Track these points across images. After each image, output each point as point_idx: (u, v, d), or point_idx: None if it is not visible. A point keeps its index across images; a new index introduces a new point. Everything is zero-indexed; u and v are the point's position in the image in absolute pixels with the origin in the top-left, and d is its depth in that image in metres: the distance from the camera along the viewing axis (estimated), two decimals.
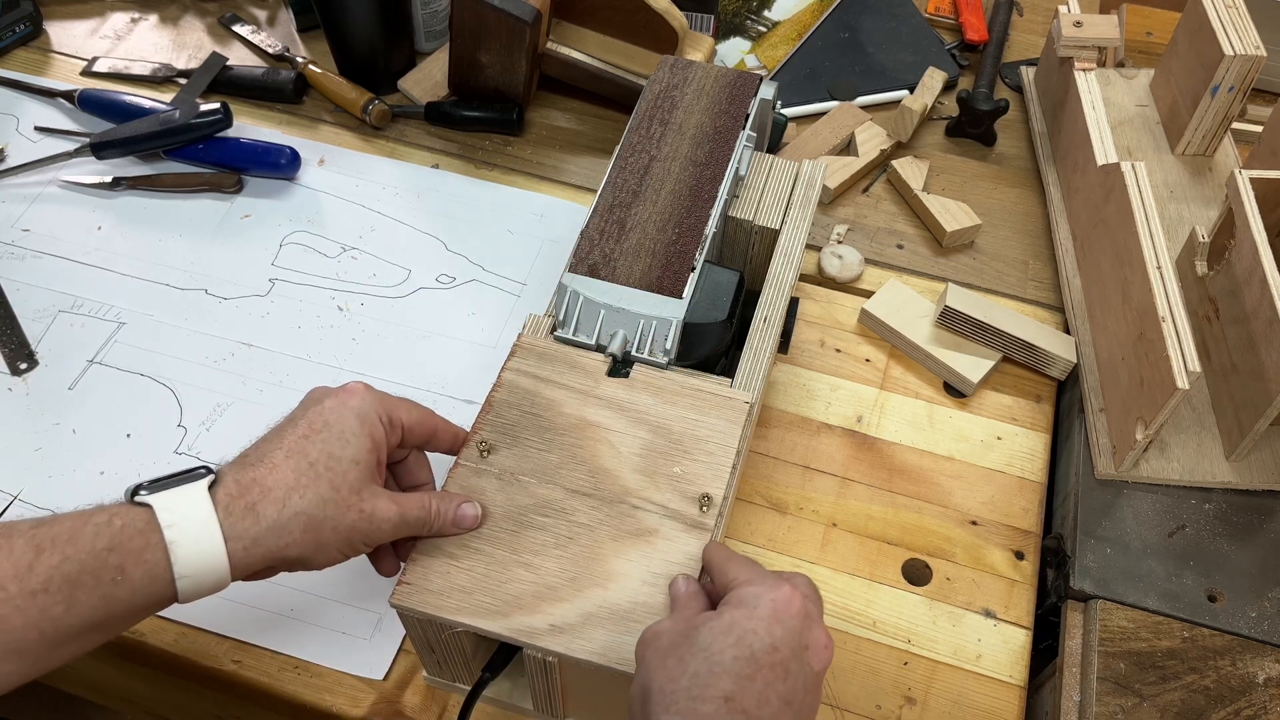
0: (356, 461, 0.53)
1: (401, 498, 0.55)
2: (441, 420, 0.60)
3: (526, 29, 0.86)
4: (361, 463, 0.53)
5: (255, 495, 0.51)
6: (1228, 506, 0.72)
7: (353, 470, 0.53)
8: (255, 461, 0.53)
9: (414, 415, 0.58)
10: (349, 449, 0.53)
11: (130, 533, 0.49)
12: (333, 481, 0.52)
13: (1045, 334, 0.79)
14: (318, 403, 0.55)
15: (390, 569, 0.60)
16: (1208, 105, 0.84)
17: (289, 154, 0.90)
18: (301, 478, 0.52)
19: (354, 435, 0.54)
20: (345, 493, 0.53)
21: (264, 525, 0.51)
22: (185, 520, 0.50)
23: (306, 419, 0.54)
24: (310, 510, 0.52)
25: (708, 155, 0.70)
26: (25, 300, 0.82)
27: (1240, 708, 0.62)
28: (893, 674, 0.66)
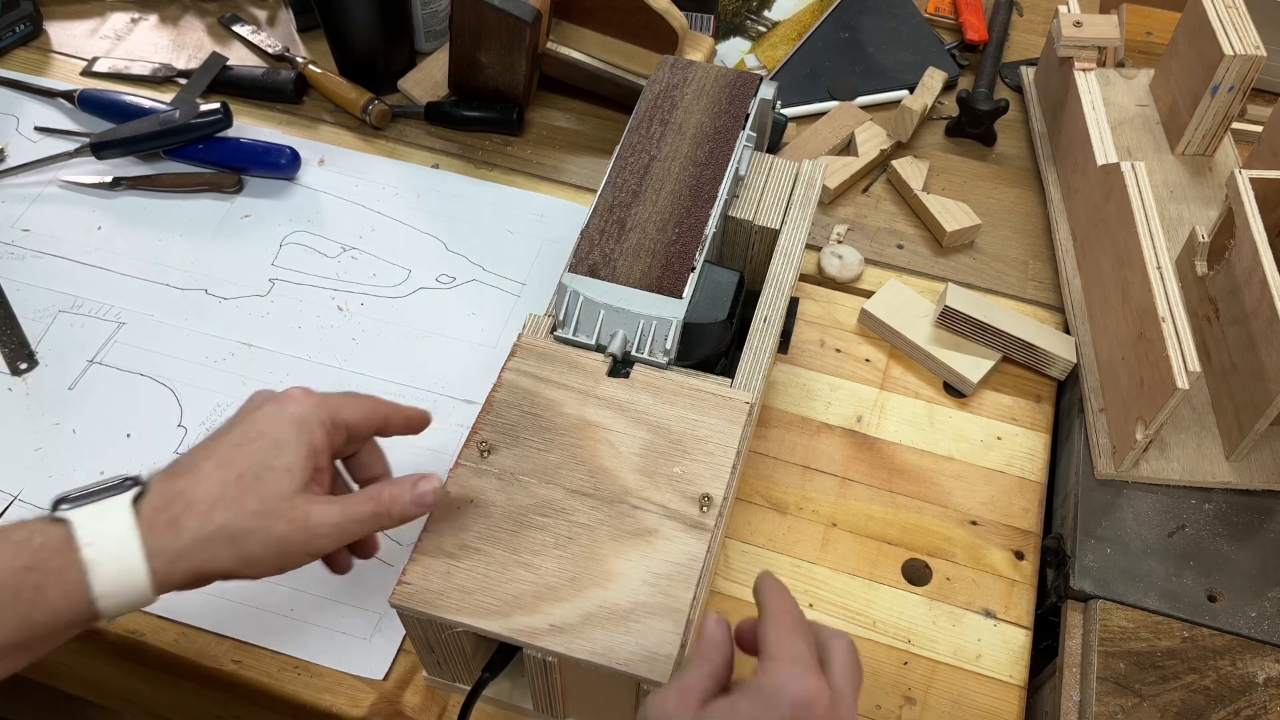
0: (290, 470, 0.51)
1: (345, 498, 0.53)
2: (391, 406, 0.58)
3: (526, 29, 0.86)
4: (296, 470, 0.51)
5: (179, 508, 0.50)
6: (1228, 506, 0.72)
7: (285, 480, 0.51)
8: (184, 471, 0.51)
9: (360, 411, 0.56)
10: (282, 458, 0.51)
11: (49, 551, 0.48)
12: (261, 493, 0.50)
13: (1045, 334, 0.79)
14: (255, 409, 0.54)
15: (341, 566, 0.59)
16: (1208, 105, 0.84)
17: (289, 154, 0.90)
18: (228, 490, 0.50)
19: (289, 443, 0.52)
20: (275, 503, 0.50)
21: (186, 540, 0.49)
22: (104, 538, 0.48)
23: (241, 427, 0.53)
24: (235, 523, 0.50)
25: (708, 155, 0.70)
26: (25, 300, 0.82)
27: (1240, 708, 0.62)
28: (893, 674, 0.66)
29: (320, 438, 0.53)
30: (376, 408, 0.58)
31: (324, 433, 0.54)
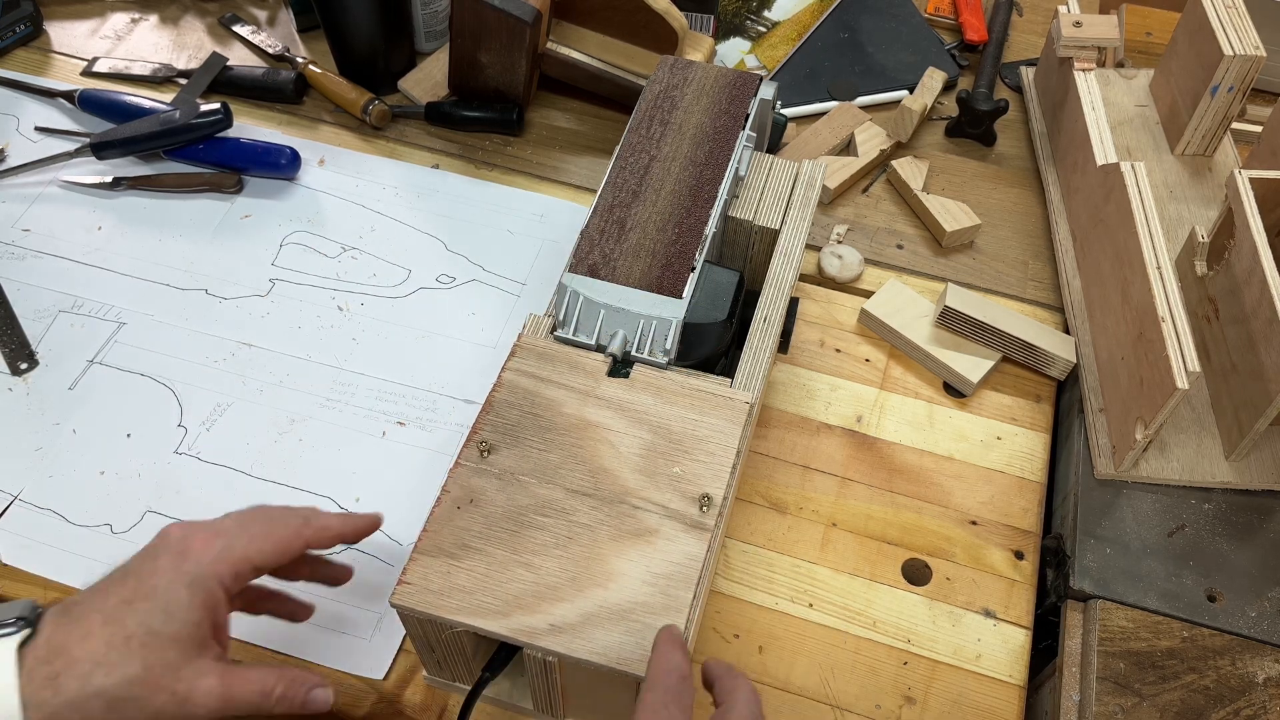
0: (177, 640, 0.50)
1: (235, 676, 0.52)
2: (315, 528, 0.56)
3: (526, 29, 0.86)
4: (184, 639, 0.50)
5: (60, 665, 0.49)
6: (1227, 506, 0.72)
7: (171, 649, 0.50)
8: (75, 620, 0.50)
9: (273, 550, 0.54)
10: (171, 624, 0.50)
11: None
12: (145, 660, 0.49)
13: (1045, 334, 0.79)
14: (154, 561, 0.52)
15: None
16: (1207, 105, 0.84)
17: (289, 154, 0.90)
18: (111, 653, 0.49)
19: (180, 607, 0.50)
20: (158, 673, 0.49)
21: (62, 699, 0.48)
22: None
23: (137, 581, 0.51)
24: (113, 691, 0.49)
25: (708, 155, 0.70)
26: (25, 300, 0.82)
27: (1240, 707, 0.62)
28: (892, 674, 0.66)
29: (218, 596, 0.52)
30: (294, 540, 0.55)
31: (223, 589, 0.52)
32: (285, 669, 0.54)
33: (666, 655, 0.50)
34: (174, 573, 0.51)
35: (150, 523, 0.70)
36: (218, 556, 0.52)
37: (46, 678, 0.48)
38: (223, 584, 0.52)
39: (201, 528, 0.54)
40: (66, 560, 0.69)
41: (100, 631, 0.49)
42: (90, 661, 0.49)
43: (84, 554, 0.69)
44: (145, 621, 0.50)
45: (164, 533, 0.54)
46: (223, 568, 0.52)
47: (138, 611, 0.50)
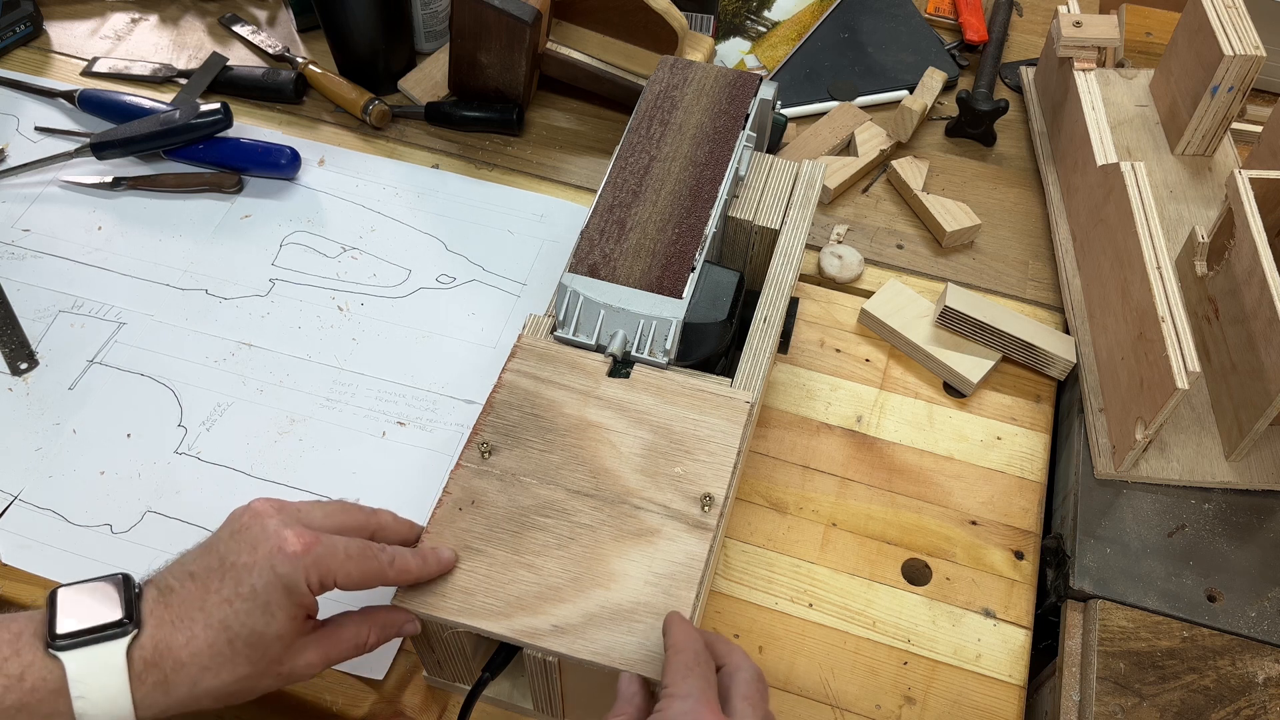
0: (280, 637, 0.51)
1: (331, 641, 0.54)
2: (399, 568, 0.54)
3: (526, 29, 0.86)
4: (286, 635, 0.51)
5: (169, 667, 0.49)
6: (1227, 506, 0.72)
7: (275, 645, 0.51)
8: (178, 617, 0.50)
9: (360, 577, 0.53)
10: (273, 625, 0.51)
11: (41, 694, 0.48)
12: (251, 658, 0.51)
13: (1045, 334, 0.79)
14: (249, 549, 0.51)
15: None
16: (1207, 105, 0.84)
17: (289, 154, 0.90)
18: (219, 656, 0.50)
19: (280, 609, 0.51)
20: (263, 666, 0.51)
21: (173, 699, 0.50)
22: (97, 690, 0.48)
23: (233, 575, 0.51)
24: (222, 689, 0.51)
25: (708, 155, 0.70)
26: (25, 300, 0.82)
27: (1240, 707, 0.63)
28: (892, 674, 0.66)
29: (310, 601, 0.52)
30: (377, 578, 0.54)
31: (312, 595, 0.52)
32: (372, 615, 0.55)
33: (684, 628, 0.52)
34: (271, 574, 0.51)
35: (150, 523, 0.70)
36: (314, 563, 0.51)
37: (156, 682, 0.49)
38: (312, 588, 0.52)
39: (295, 520, 0.53)
40: (66, 560, 0.69)
41: (204, 634, 0.50)
42: (198, 666, 0.50)
43: (84, 554, 0.69)
44: (247, 623, 0.50)
45: (256, 514, 0.53)
46: (314, 576, 0.51)
47: (239, 613, 0.50)
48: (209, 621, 0.50)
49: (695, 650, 0.50)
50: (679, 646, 0.50)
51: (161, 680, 0.49)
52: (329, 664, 0.54)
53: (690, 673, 0.49)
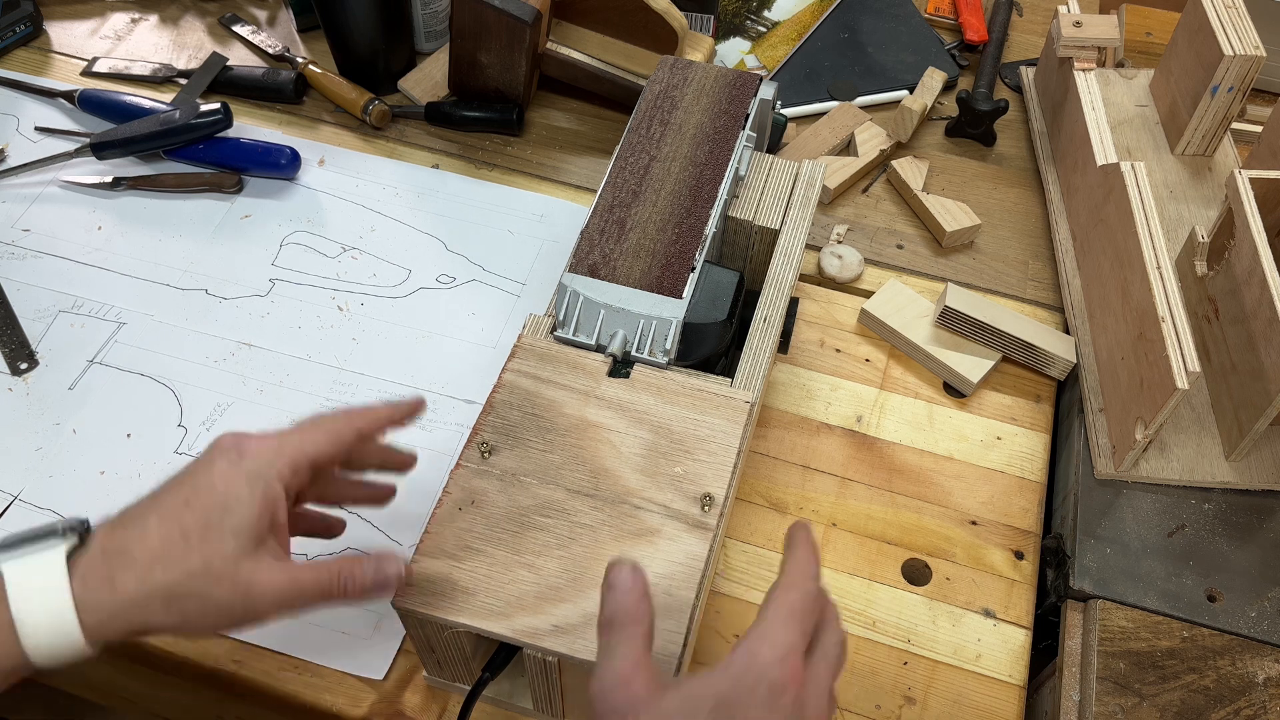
0: (237, 533, 0.49)
1: (297, 566, 0.51)
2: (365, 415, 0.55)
3: (526, 29, 0.86)
4: (244, 532, 0.49)
5: (117, 565, 0.48)
6: (1227, 506, 0.72)
7: (230, 541, 0.49)
8: (129, 523, 0.50)
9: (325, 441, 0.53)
10: (230, 518, 0.49)
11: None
12: (205, 553, 0.49)
13: (1045, 334, 0.79)
14: (211, 462, 0.51)
15: None
16: (1207, 105, 0.84)
17: (289, 154, 0.90)
18: (170, 548, 0.49)
19: (240, 501, 0.50)
20: (218, 564, 0.49)
21: (120, 599, 0.48)
22: (35, 592, 0.47)
23: (193, 481, 0.51)
24: (174, 585, 0.48)
25: (708, 155, 0.70)
26: (25, 300, 0.82)
27: (1240, 707, 0.63)
28: (892, 674, 0.66)
29: (276, 491, 0.51)
30: (345, 428, 0.55)
31: (282, 484, 0.51)
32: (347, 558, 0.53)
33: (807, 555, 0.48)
34: (231, 471, 0.50)
35: None
36: (276, 452, 0.52)
37: (102, 580, 0.48)
38: (281, 478, 0.51)
39: (255, 433, 0.53)
40: None
41: (158, 529, 0.49)
42: (148, 558, 0.48)
43: None
44: (204, 516, 0.49)
45: (217, 441, 0.53)
46: (281, 462, 0.51)
47: (196, 509, 0.49)
48: (163, 518, 0.49)
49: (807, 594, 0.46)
50: (794, 582, 0.47)
51: (108, 578, 0.48)
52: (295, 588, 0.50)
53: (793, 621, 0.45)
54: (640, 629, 0.45)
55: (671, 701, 0.43)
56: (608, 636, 0.45)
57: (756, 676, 0.43)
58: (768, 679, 0.43)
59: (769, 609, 0.46)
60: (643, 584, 0.46)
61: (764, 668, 0.43)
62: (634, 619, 0.45)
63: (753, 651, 0.44)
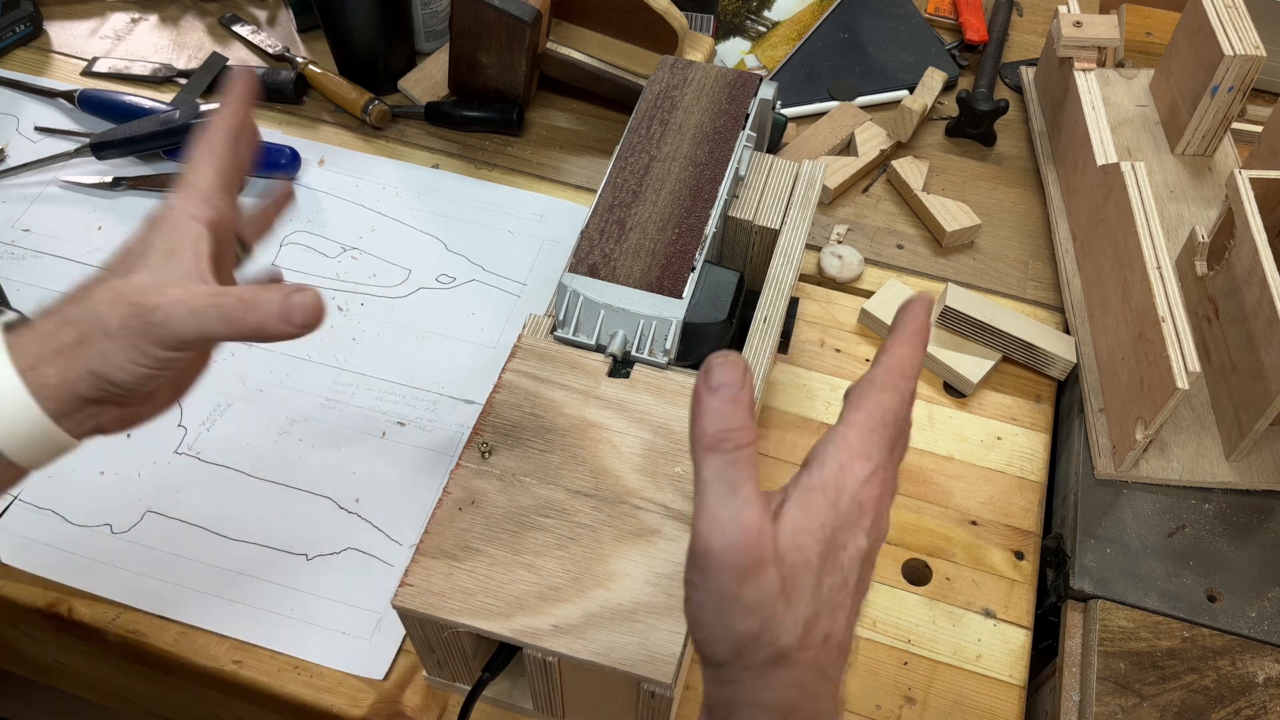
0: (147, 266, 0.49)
1: (205, 288, 0.48)
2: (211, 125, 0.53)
3: (526, 29, 0.86)
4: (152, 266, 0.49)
5: (51, 325, 0.48)
6: (1228, 506, 0.72)
7: (139, 273, 0.48)
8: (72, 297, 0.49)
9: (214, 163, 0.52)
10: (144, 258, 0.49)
11: None
12: (116, 284, 0.48)
13: (1045, 334, 0.79)
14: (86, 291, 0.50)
15: None
16: (1207, 105, 0.84)
17: (289, 154, 0.90)
18: (92, 291, 0.48)
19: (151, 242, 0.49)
20: (119, 286, 0.48)
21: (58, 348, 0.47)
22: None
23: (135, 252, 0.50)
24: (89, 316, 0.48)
25: (708, 155, 0.70)
26: (25, 300, 0.82)
27: (1240, 707, 0.63)
28: (892, 674, 0.66)
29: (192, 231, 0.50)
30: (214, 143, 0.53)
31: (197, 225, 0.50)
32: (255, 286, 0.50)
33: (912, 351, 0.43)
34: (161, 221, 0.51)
35: (150, 523, 0.70)
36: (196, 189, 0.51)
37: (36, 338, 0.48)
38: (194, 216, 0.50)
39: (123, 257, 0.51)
40: (66, 560, 0.69)
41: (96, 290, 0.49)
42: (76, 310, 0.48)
43: (84, 554, 0.69)
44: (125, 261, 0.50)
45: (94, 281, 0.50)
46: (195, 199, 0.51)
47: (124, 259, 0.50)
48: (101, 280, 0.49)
49: (903, 398, 0.42)
50: (891, 381, 0.42)
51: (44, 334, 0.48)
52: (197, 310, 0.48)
53: (886, 429, 0.41)
54: (754, 450, 0.39)
55: (784, 542, 0.38)
56: (718, 464, 0.38)
57: (851, 499, 0.40)
58: (859, 501, 0.40)
59: (861, 412, 0.41)
60: (750, 389, 0.40)
61: (858, 488, 0.40)
62: (749, 436, 0.39)
63: (844, 467, 0.40)
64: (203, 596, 0.67)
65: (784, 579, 0.38)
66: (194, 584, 0.68)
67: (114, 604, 0.67)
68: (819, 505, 0.39)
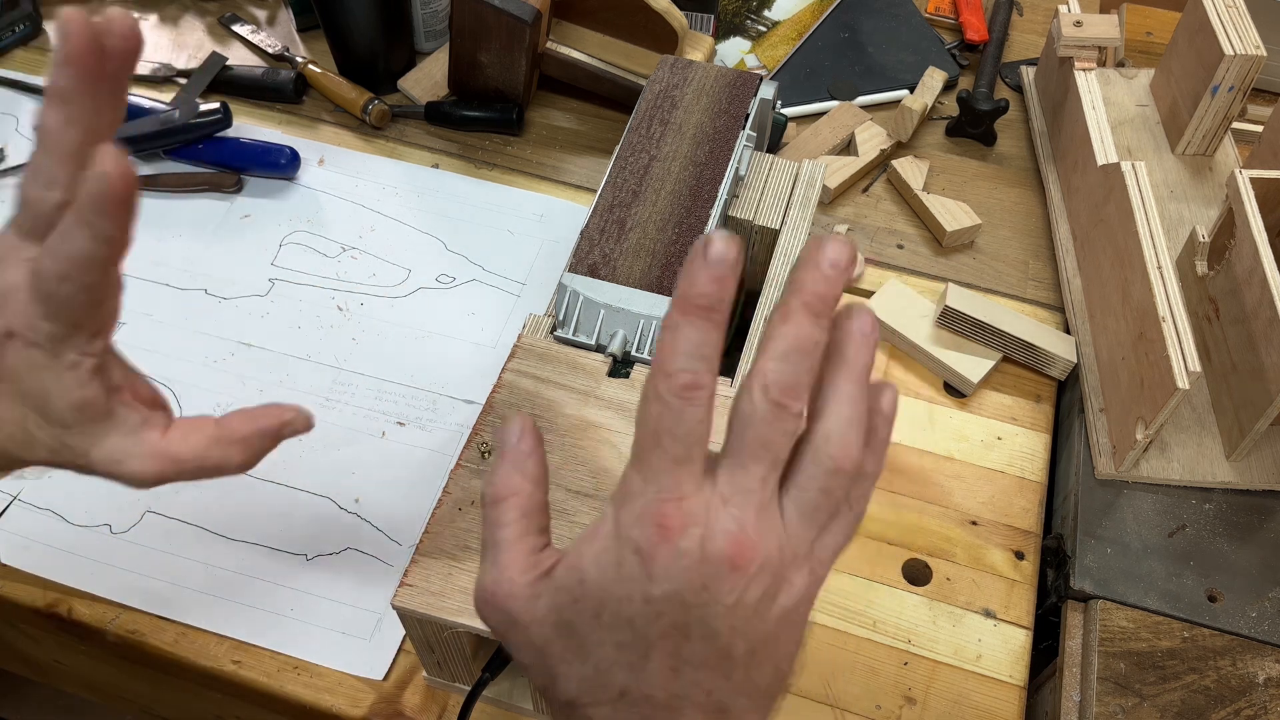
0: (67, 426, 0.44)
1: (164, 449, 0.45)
2: None
3: (526, 29, 0.86)
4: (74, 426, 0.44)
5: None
6: (1228, 506, 0.72)
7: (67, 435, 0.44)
8: None
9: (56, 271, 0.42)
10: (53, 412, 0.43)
11: None
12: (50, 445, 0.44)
13: (1045, 334, 0.79)
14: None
15: None
16: (1208, 105, 0.84)
17: (289, 154, 0.90)
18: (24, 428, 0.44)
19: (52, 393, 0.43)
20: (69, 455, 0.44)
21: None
22: None
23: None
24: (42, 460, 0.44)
25: (708, 155, 0.70)
26: None
27: (1240, 708, 0.62)
28: (893, 674, 0.66)
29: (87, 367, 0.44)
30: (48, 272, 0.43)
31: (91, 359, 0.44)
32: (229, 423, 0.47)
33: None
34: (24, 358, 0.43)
35: (150, 523, 0.70)
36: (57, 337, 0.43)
37: None
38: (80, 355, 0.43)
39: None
40: (66, 560, 0.69)
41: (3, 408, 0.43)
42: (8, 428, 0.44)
43: (84, 554, 0.69)
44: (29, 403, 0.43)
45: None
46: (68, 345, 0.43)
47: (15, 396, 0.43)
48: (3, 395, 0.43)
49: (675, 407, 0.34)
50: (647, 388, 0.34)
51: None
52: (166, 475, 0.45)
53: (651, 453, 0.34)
54: (512, 510, 0.37)
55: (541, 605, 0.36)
56: (484, 527, 0.38)
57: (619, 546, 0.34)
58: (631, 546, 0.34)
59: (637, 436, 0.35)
60: (527, 443, 0.38)
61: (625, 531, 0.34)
62: (503, 497, 0.38)
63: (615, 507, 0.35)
64: (202, 596, 0.67)
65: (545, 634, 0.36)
66: (193, 584, 0.68)
67: (113, 604, 0.67)
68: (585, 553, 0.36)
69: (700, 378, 0.33)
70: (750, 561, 0.34)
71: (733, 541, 0.34)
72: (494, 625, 0.38)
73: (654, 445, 0.34)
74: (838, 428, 0.36)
